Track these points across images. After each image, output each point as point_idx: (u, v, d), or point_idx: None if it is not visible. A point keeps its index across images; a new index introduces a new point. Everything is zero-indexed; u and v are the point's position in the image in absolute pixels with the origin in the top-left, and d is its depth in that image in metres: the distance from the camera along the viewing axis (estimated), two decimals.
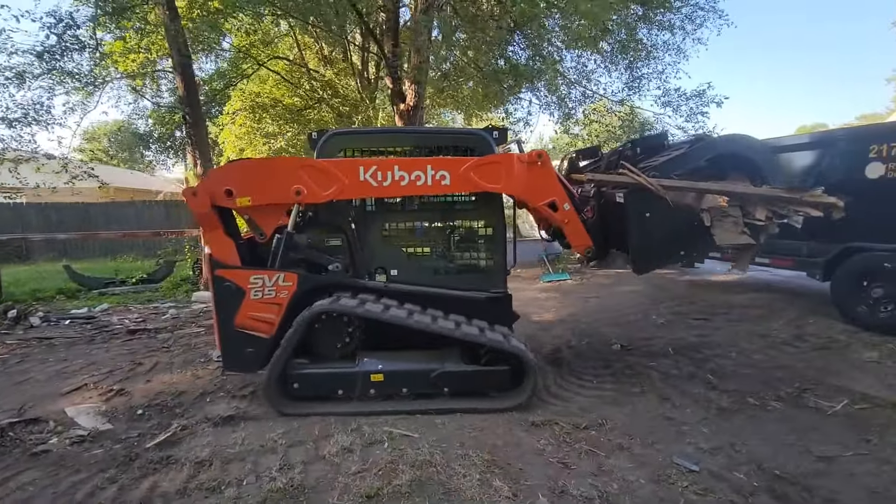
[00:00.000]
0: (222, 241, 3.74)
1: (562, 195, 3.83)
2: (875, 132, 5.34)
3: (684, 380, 4.22)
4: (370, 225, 3.99)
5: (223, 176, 3.78)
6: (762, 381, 4.11)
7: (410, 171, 3.68)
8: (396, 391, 3.74)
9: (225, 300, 3.69)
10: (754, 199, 3.64)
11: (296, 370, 3.70)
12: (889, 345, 4.75)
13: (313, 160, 3.78)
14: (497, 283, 4.03)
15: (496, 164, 3.75)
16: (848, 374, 4.16)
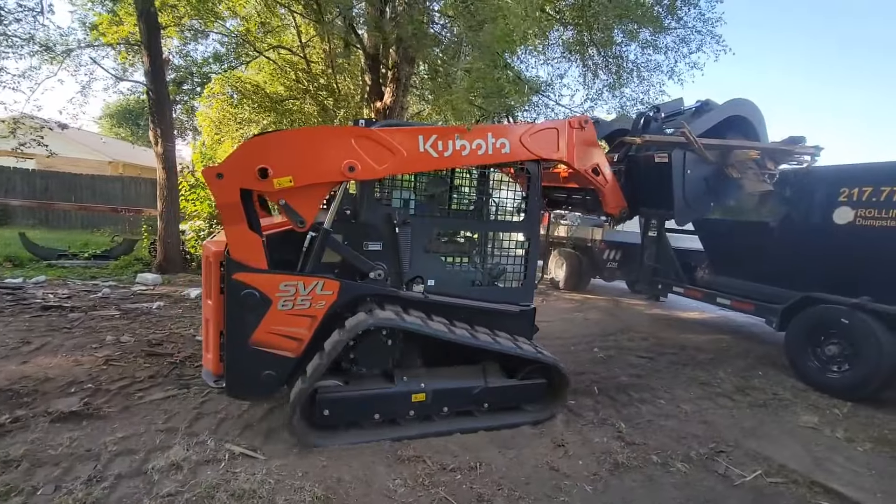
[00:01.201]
0: (247, 238, 3.02)
1: (604, 160, 4.04)
2: (846, 173, 4.89)
3: (593, 425, 3.80)
4: (413, 230, 3.55)
5: (257, 151, 3.02)
6: (677, 436, 3.67)
7: (472, 139, 3.43)
8: (437, 411, 3.47)
9: (242, 311, 3.03)
10: (767, 153, 4.29)
11: (328, 394, 3.17)
12: (835, 410, 4.28)
13: (367, 129, 3.27)
14: (528, 297, 4.00)
15: (553, 130, 3.75)
16: (776, 438, 3.70)
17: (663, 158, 3.96)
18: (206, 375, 3.39)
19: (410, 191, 3.85)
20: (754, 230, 5.71)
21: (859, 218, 4.64)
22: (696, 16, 8.84)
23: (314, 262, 3.22)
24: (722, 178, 4.24)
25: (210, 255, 3.25)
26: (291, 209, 3.12)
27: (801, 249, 5.22)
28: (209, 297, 3.28)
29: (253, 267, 3.03)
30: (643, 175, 4.26)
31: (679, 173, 3.94)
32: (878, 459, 3.44)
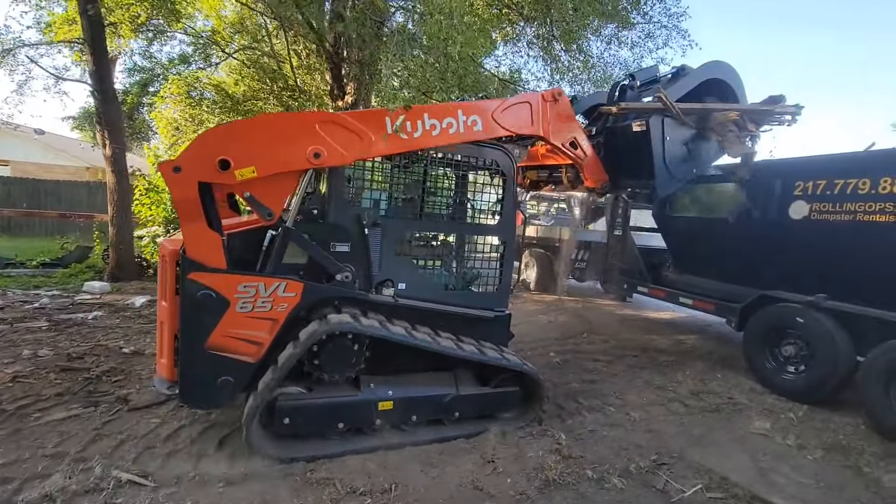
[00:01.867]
0: (205, 236, 2.88)
1: (581, 133, 3.93)
2: (801, 166, 4.71)
3: (532, 438, 3.55)
4: (383, 232, 3.43)
5: (217, 142, 2.87)
6: (619, 447, 3.44)
7: (442, 118, 3.30)
8: (405, 420, 3.34)
9: (197, 313, 2.89)
10: (747, 114, 4.14)
11: (288, 402, 3.01)
12: (790, 414, 4.08)
13: (331, 113, 3.19)
14: (502, 302, 3.89)
15: (525, 104, 3.61)
16: (723, 447, 3.49)
17: (641, 127, 3.86)
18: (159, 382, 3.20)
19: (381, 191, 3.74)
20: (714, 227, 5.52)
21: (814, 212, 4.46)
22: (662, 10, 8.69)
23: (275, 262, 3.07)
24: (702, 143, 4.16)
25: (166, 254, 3.10)
26: (257, 202, 3.00)
27: (760, 246, 5.04)
28: (164, 299, 3.12)
29: (210, 267, 2.87)
30: (622, 146, 4.15)
31: (658, 140, 3.84)
32: (827, 469, 3.23)
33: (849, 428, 3.86)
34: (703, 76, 4.19)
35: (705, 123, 4.07)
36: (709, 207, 5.65)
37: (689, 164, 4.13)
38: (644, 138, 3.91)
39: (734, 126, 4.21)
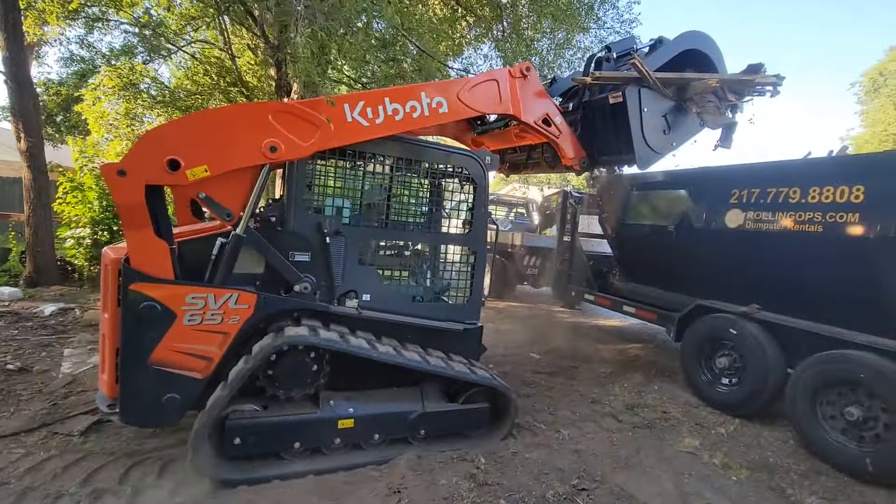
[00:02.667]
0: (152, 245, 2.69)
1: (553, 109, 3.81)
2: (736, 174, 4.65)
3: (450, 461, 3.27)
4: (347, 241, 3.30)
5: (164, 140, 2.70)
6: (540, 472, 3.20)
7: (404, 101, 3.15)
8: (367, 439, 3.19)
9: (139, 326, 2.68)
10: (727, 84, 4.01)
11: (239, 420, 2.82)
12: (720, 429, 3.95)
13: (284, 103, 2.99)
14: (473, 315, 3.77)
15: (492, 82, 3.47)
16: (648, 469, 3.30)
17: (617, 98, 3.69)
18: (101, 399, 3.01)
19: (344, 198, 3.56)
20: (655, 234, 5.42)
21: (748, 221, 4.38)
22: (615, 16, 8.67)
23: (224, 271, 2.90)
24: (682, 116, 3.99)
25: (108, 263, 2.94)
26: (214, 202, 2.86)
27: (698, 255, 4.96)
28: (106, 311, 2.95)
29: (156, 277, 2.70)
30: (599, 121, 3.99)
31: (635, 112, 3.68)
32: (750, 491, 3.08)
33: (778, 444, 3.76)
34: (680, 47, 4.04)
35: (684, 94, 3.91)
36: (651, 214, 5.56)
37: (669, 137, 3.98)
38: (621, 110, 3.75)
39: (713, 97, 4.08)
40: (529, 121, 3.69)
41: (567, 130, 3.90)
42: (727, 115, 4.16)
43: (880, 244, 3.42)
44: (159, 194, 2.78)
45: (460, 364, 3.48)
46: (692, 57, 4.14)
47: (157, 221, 2.73)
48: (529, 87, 3.65)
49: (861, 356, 3.34)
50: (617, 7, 8.63)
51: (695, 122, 4.08)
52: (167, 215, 2.84)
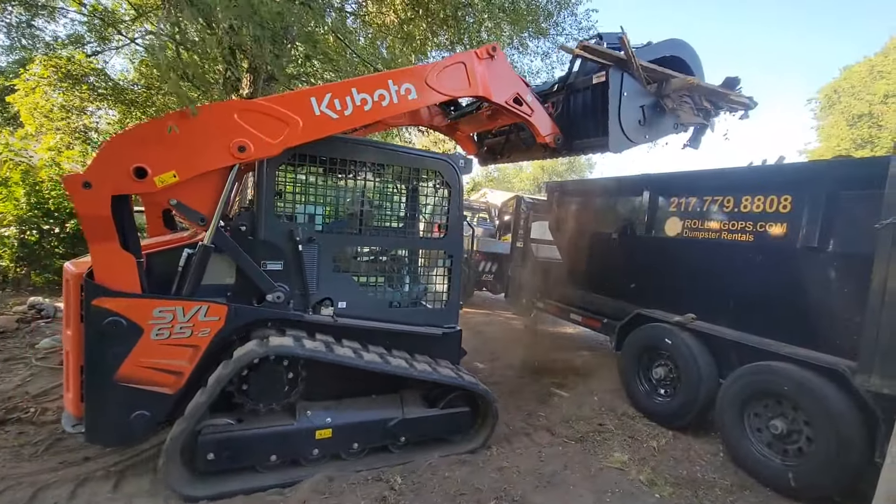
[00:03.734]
0: (118, 258, 2.63)
1: (523, 87, 3.75)
2: (675, 181, 4.62)
3: (364, 482, 3.05)
4: (320, 248, 3.25)
5: (127, 148, 2.61)
6: (457, 492, 3.02)
7: (372, 91, 3.08)
8: (346, 448, 3.16)
9: (104, 343, 2.60)
10: (702, 90, 4.15)
11: (212, 434, 2.77)
12: (652, 442, 3.86)
13: (249, 101, 2.94)
14: (451, 319, 3.77)
15: (459, 65, 3.40)
16: (571, 487, 3.16)
17: (601, 78, 3.72)
18: (66, 419, 2.91)
19: (316, 205, 3.50)
20: (601, 241, 5.35)
21: (686, 229, 4.34)
22: (573, 23, 8.69)
23: (193, 283, 2.83)
24: (658, 114, 4.01)
25: (70, 278, 2.84)
26: (186, 207, 2.83)
27: (640, 263, 4.90)
28: (69, 327, 2.85)
29: (121, 291, 2.62)
30: (580, 101, 4.00)
31: (616, 93, 3.70)
32: None
33: (708, 457, 3.69)
34: (663, 51, 4.08)
35: (662, 91, 3.95)
36: (595, 221, 5.49)
37: (643, 129, 3.95)
38: (601, 93, 3.75)
39: (689, 99, 4.16)
40: (500, 101, 3.63)
41: (539, 108, 3.86)
42: (699, 117, 4.25)
43: (805, 254, 3.40)
44: (125, 204, 2.69)
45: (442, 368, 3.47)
46: (674, 64, 4.17)
47: (124, 233, 2.66)
48: (498, 68, 3.59)
49: (785, 368, 3.30)
50: (575, 14, 8.65)
51: (669, 124, 4.14)
52: (134, 226, 2.78)
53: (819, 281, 3.37)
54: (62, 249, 8.15)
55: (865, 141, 24.75)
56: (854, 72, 26.60)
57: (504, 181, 37.91)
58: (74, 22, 11.46)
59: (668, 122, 4.11)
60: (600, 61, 3.68)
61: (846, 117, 26.09)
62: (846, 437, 2.93)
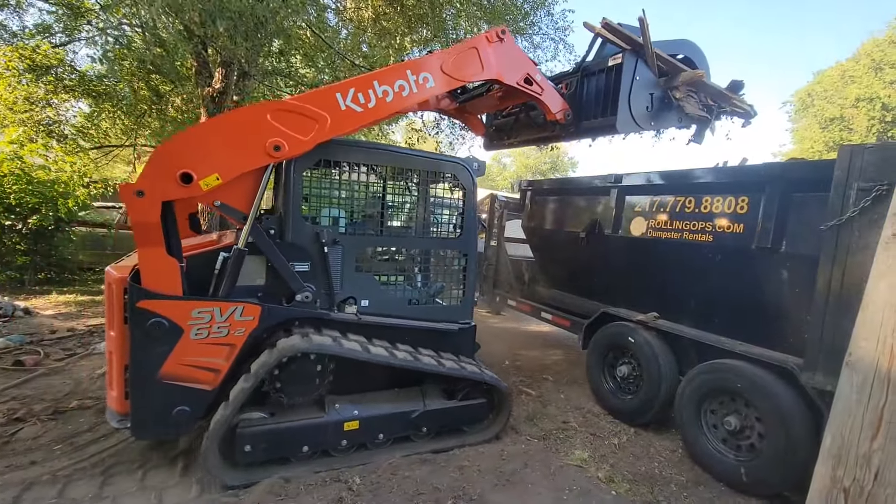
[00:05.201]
0: (164, 263, 2.78)
1: (532, 67, 3.86)
2: (642, 182, 4.66)
3: (322, 483, 3.03)
4: (344, 249, 3.42)
5: (173, 156, 2.75)
6: (416, 492, 3.00)
7: (393, 82, 3.21)
8: (372, 439, 3.36)
9: (148, 343, 2.76)
10: (708, 89, 4.35)
11: (249, 428, 2.95)
12: (614, 440, 3.92)
13: (279, 101, 3.08)
14: (466, 315, 3.96)
15: (472, 50, 3.51)
16: (530, 486, 3.17)
17: (617, 60, 3.89)
18: (110, 415, 3.08)
19: (340, 208, 3.72)
20: (571, 240, 5.38)
21: (650, 229, 4.39)
22: (550, 23, 8.72)
23: (229, 284, 2.99)
24: (665, 108, 4.19)
25: (112, 282, 3.00)
26: (229, 207, 3.01)
27: (607, 262, 4.95)
28: (112, 328, 3.02)
29: (164, 294, 2.78)
30: (593, 84, 4.13)
31: (628, 76, 3.86)
32: None
33: (667, 454, 3.75)
34: (674, 49, 4.26)
35: (671, 83, 4.12)
36: (569, 220, 5.53)
37: (650, 115, 4.09)
38: (616, 72, 3.91)
39: (695, 94, 4.34)
40: (512, 82, 3.74)
41: (549, 86, 3.98)
42: (704, 112, 4.41)
43: (760, 254, 3.47)
44: (170, 211, 2.81)
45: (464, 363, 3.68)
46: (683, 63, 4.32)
47: (168, 238, 2.79)
48: (507, 50, 3.69)
49: (738, 366, 3.37)
50: (552, 14, 8.69)
51: (674, 118, 4.30)
52: (178, 232, 2.91)
53: (772, 281, 3.46)
54: (24, 246, 7.91)
55: (837, 144, 25.45)
56: (827, 76, 27.33)
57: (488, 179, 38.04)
58: (42, 12, 11.13)
59: (672, 117, 4.31)
60: (618, 42, 3.84)
61: (819, 120, 26.80)
62: (794, 433, 3.01)
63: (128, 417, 2.90)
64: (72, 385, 4.29)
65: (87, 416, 3.77)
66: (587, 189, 5.30)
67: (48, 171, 8.28)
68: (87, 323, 6.33)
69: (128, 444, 3.38)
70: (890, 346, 1.88)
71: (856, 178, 2.69)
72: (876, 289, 2.02)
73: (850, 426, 2.00)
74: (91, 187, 9.61)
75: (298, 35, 8.33)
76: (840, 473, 2.01)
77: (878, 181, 2.57)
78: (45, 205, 7.78)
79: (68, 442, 3.38)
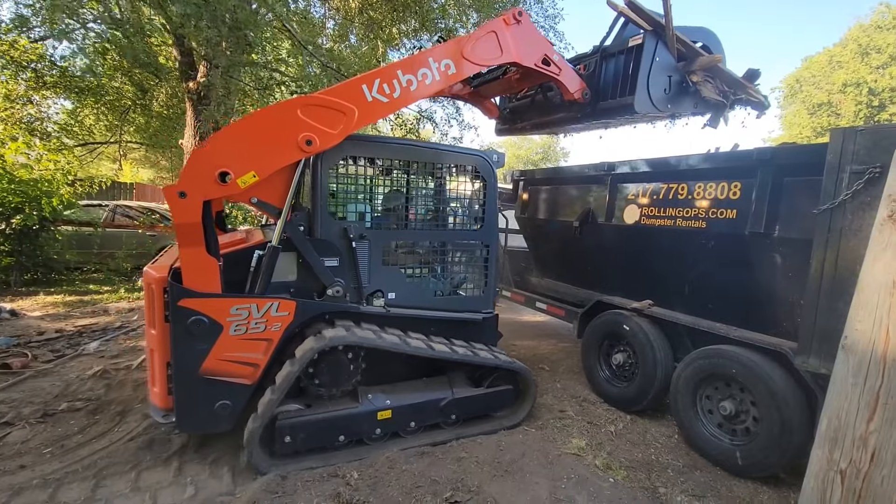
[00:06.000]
0: (204, 262, 2.87)
1: (550, 47, 3.89)
2: (635, 169, 4.64)
3: (320, 479, 3.01)
4: (370, 243, 3.53)
5: (211, 156, 2.81)
6: (414, 485, 2.99)
7: (416, 71, 3.25)
8: (404, 427, 3.48)
9: (189, 340, 2.86)
10: (724, 75, 4.40)
11: (289, 419, 3.08)
12: (610, 427, 3.93)
13: (308, 96, 3.07)
14: (489, 304, 4.09)
15: (492, 34, 3.52)
16: (528, 475, 3.18)
17: (637, 40, 3.94)
18: (154, 411, 3.19)
19: (366, 203, 3.79)
20: (565, 229, 5.37)
21: (643, 217, 4.38)
22: (539, 11, 8.64)
23: (265, 281, 3.09)
24: (682, 92, 4.25)
25: (152, 282, 3.08)
26: (265, 203, 3.11)
27: (601, 251, 4.94)
28: (153, 327, 3.10)
29: (203, 292, 2.86)
30: (612, 65, 4.20)
31: (648, 57, 3.92)
32: (623, 493, 3.02)
33: (663, 440, 3.78)
34: (693, 36, 4.31)
35: (690, 67, 4.16)
36: (562, 209, 5.50)
37: (666, 99, 4.15)
38: (636, 53, 3.97)
39: (711, 79, 4.37)
40: (530, 64, 3.74)
41: (566, 66, 4.00)
42: (720, 97, 4.45)
43: (753, 240, 3.47)
44: (209, 211, 2.86)
45: (483, 351, 3.80)
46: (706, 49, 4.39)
47: (207, 238, 2.85)
48: (525, 32, 3.69)
49: (733, 351, 3.38)
50: (542, 2, 8.60)
51: (689, 104, 4.36)
52: (215, 232, 2.97)
53: (766, 265, 3.46)
54: (8, 247, 7.75)
55: (825, 129, 25.66)
56: (814, 62, 27.50)
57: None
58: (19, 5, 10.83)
59: (688, 102, 4.34)
60: (640, 22, 3.88)
61: (807, 106, 27.00)
62: (789, 416, 3.03)
63: (171, 412, 3.02)
64: (61, 387, 4.22)
65: (77, 417, 3.71)
66: (580, 178, 5.27)
67: (31, 170, 8.10)
68: (76, 324, 6.23)
69: (120, 444, 3.34)
70: (886, 327, 1.89)
71: (848, 161, 2.68)
72: (871, 271, 2.01)
73: (847, 409, 2.00)
74: (76, 185, 9.44)
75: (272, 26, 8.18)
76: (837, 456, 2.02)
77: (871, 164, 2.56)
78: (28, 204, 7.62)
79: (59, 444, 3.33)
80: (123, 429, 3.60)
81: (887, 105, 23.64)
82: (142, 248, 9.59)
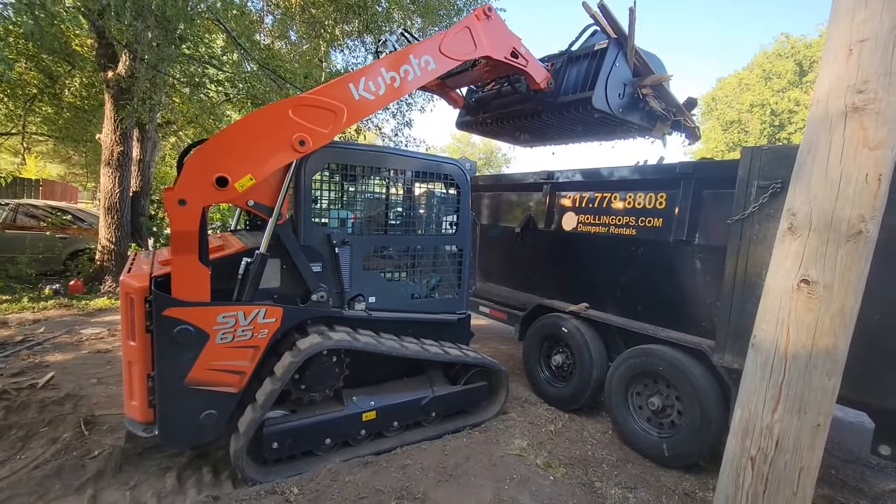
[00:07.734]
0: (196, 271, 2.80)
1: (517, 40, 4.07)
2: (573, 178, 4.88)
3: (256, 496, 2.84)
4: (352, 249, 3.58)
5: (208, 161, 2.76)
6: (357, 496, 2.94)
7: (398, 67, 3.37)
8: (387, 427, 3.59)
9: (175, 350, 2.78)
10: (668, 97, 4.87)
11: (275, 426, 3.10)
12: (550, 426, 4.08)
13: (298, 97, 3.08)
14: (462, 305, 4.26)
15: (465, 30, 3.69)
16: (472, 479, 3.22)
17: (602, 45, 4.30)
18: (132, 425, 3.02)
19: (347, 210, 3.87)
20: (506, 235, 5.52)
21: (580, 224, 4.61)
22: None
23: (253, 288, 3.07)
24: (632, 106, 4.60)
25: (132, 292, 2.91)
26: (262, 205, 3.11)
27: (542, 256, 5.13)
28: (131, 338, 2.93)
29: (192, 301, 2.80)
30: (576, 68, 4.52)
31: (610, 61, 4.27)
32: (562, 490, 3.15)
33: (598, 436, 3.98)
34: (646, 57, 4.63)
35: (642, 81, 4.55)
36: (504, 215, 5.65)
37: (619, 103, 4.45)
38: (600, 56, 4.31)
39: (657, 99, 4.78)
40: (500, 57, 3.95)
41: (532, 58, 4.26)
42: (664, 113, 4.89)
43: (677, 246, 3.76)
44: (203, 218, 2.79)
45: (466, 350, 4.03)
46: None
47: (201, 247, 2.79)
48: (495, 27, 3.87)
49: (660, 350, 3.64)
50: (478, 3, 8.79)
51: (638, 116, 4.74)
52: (207, 239, 2.89)
53: (687, 270, 3.76)
54: None
55: (735, 144, 28.38)
56: (727, 83, 30.33)
57: None
58: None
59: (637, 114, 4.73)
60: (608, 28, 4.26)
61: (721, 123, 29.68)
62: (709, 409, 3.31)
63: (153, 426, 2.93)
64: None
65: None
66: (521, 185, 5.45)
67: None
68: None
69: (24, 473, 2.98)
70: (787, 327, 2.11)
71: (755, 176, 2.98)
72: (774, 277, 2.25)
73: (756, 401, 2.22)
74: None
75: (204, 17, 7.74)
76: (748, 444, 2.22)
77: (774, 179, 2.88)
78: None
79: None
80: (27, 455, 3.23)
81: (786, 125, 26.57)
82: (49, 252, 8.65)
